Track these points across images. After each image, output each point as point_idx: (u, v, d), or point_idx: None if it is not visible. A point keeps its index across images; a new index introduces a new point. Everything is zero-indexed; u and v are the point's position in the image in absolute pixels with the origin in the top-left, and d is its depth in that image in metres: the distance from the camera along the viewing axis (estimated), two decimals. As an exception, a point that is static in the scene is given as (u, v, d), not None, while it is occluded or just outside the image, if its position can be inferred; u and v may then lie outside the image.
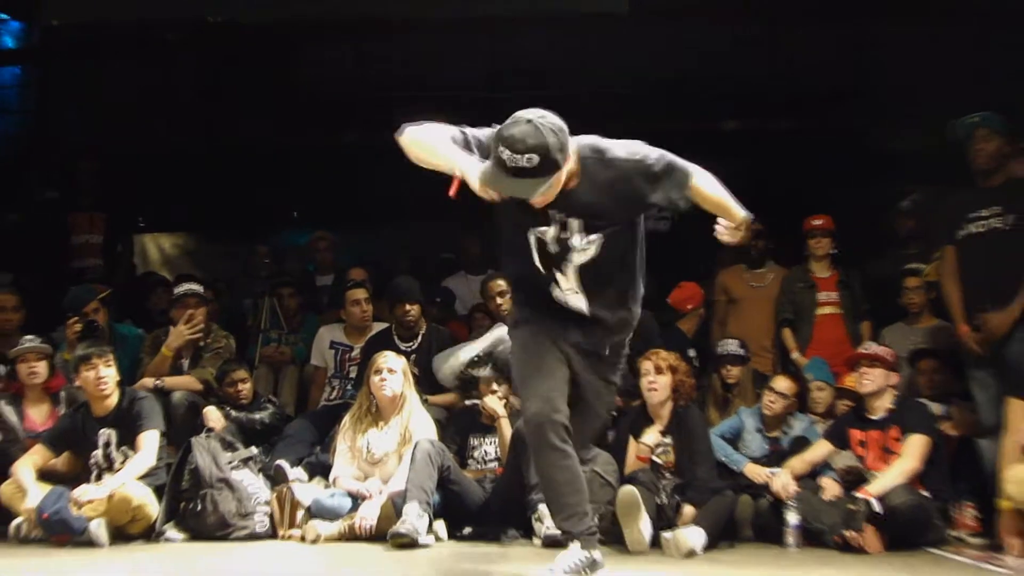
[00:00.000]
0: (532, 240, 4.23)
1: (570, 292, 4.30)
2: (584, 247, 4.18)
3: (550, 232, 4.18)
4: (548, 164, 3.81)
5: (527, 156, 3.77)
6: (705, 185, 4.10)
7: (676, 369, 6.10)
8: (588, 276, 4.25)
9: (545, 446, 4.18)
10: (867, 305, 7.74)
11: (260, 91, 9.66)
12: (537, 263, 4.27)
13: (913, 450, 5.84)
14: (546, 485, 4.38)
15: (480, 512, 6.03)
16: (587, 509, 4.26)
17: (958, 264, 6.33)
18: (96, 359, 6.12)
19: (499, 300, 7.33)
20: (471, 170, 3.87)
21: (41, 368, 6.58)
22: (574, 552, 4.20)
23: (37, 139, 10.67)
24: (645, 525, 5.50)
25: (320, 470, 6.48)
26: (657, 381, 6.07)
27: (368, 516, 5.91)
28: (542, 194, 3.89)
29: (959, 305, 6.35)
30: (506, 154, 3.78)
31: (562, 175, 3.93)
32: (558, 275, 4.27)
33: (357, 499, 6.04)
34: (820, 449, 6.19)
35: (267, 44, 9.27)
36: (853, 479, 6.03)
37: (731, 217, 4.14)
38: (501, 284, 7.27)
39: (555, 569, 4.15)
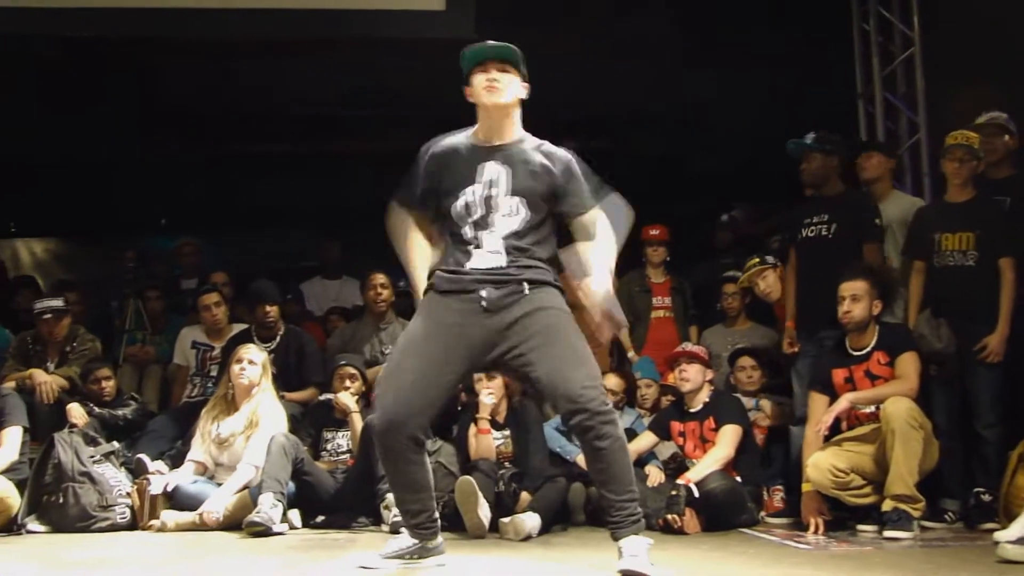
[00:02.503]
0: (462, 202, 4.12)
1: (492, 255, 4.11)
2: (509, 211, 4.12)
3: (479, 191, 4.11)
4: (517, 59, 4.16)
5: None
6: (605, 218, 4.16)
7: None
8: (511, 242, 4.12)
9: (383, 449, 4.16)
10: (695, 310, 7.95)
11: (130, 105, 9.44)
12: (468, 227, 4.13)
13: (727, 439, 5.98)
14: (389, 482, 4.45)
15: (332, 501, 6.00)
16: (421, 506, 4.21)
17: (795, 264, 6.51)
18: (-42, 358, 5.92)
19: (380, 291, 7.33)
20: (418, 288, 4.20)
21: (-94, 368, 6.35)
22: (403, 538, 4.27)
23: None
24: (484, 511, 5.52)
25: (181, 463, 6.36)
26: (491, 385, 6.13)
27: (215, 508, 5.81)
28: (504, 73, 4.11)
29: (791, 302, 6.54)
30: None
31: (518, 82, 4.17)
32: (483, 236, 4.11)
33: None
34: (645, 440, 6.32)
35: (134, 60, 9.07)
36: (675, 467, 6.16)
37: (593, 275, 4.12)
38: (381, 277, 7.30)
39: (384, 552, 4.25)
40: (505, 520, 5.52)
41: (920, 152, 7.65)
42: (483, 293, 4.06)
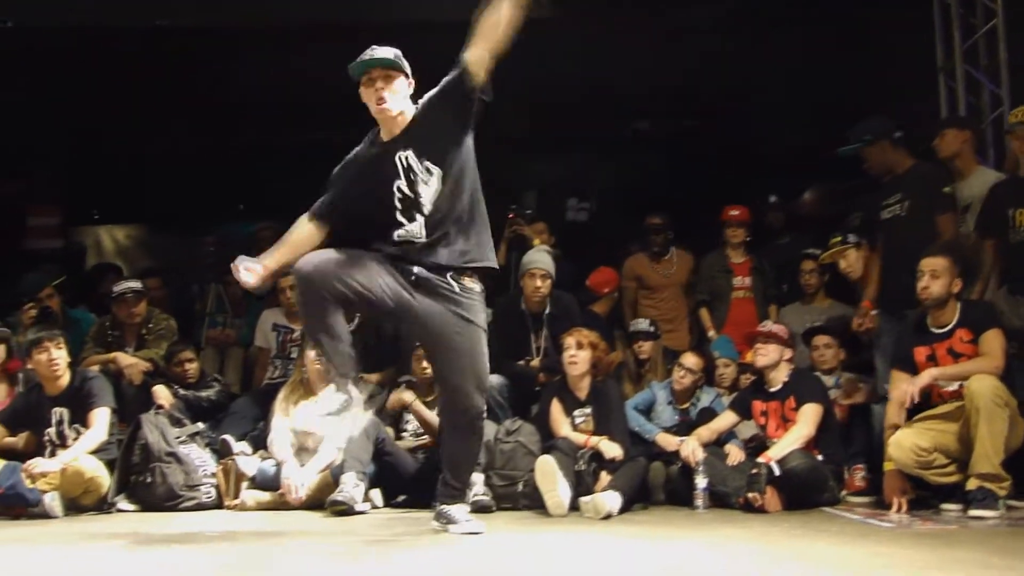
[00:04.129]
0: (387, 191, 4.48)
1: (415, 229, 4.48)
2: (426, 181, 4.44)
3: (401, 180, 4.45)
4: (399, 62, 4.46)
5: (385, 48, 4.45)
6: (474, 49, 4.34)
7: (596, 346, 6.15)
8: (434, 215, 4.46)
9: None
10: (776, 289, 7.91)
11: (208, 94, 9.57)
12: (396, 212, 4.48)
13: (807, 418, 5.94)
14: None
15: (413, 481, 6.05)
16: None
17: (880, 247, 6.46)
18: (47, 342, 6.07)
19: None
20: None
21: (-2, 350, 6.52)
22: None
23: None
24: (564, 490, 5.55)
25: (263, 444, 6.47)
26: (577, 356, 6.11)
27: (298, 487, 5.93)
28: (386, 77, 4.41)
29: (871, 285, 6.53)
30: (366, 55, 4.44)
31: (404, 83, 4.47)
32: (411, 217, 4.48)
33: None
34: (726, 419, 6.29)
35: (213, 49, 9.19)
36: (755, 446, 6.13)
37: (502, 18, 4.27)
38: None
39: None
40: (585, 499, 5.54)
41: (1003, 126, 7.50)
42: None
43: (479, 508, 5.63)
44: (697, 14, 8.33)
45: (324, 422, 6.10)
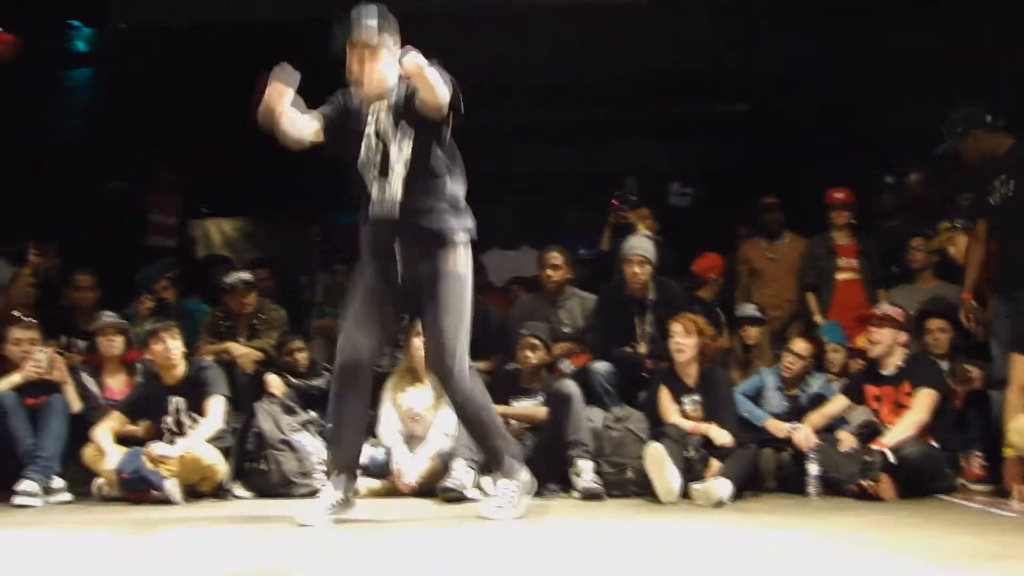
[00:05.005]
0: (362, 150, 4.65)
1: (389, 194, 4.62)
2: (400, 146, 4.58)
3: (372, 140, 4.62)
4: (382, 35, 4.57)
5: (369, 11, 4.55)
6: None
7: (702, 332, 6.08)
8: (408, 179, 4.59)
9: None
10: (883, 272, 7.74)
11: (311, 84, 9.66)
12: (370, 173, 4.66)
13: (923, 403, 5.81)
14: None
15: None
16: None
17: (983, 233, 6.34)
18: (163, 333, 6.21)
19: (551, 272, 7.25)
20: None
21: (118, 341, 6.69)
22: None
23: (107, 135, 10.74)
24: (673, 477, 5.51)
25: (372, 431, 6.51)
26: (684, 342, 6.05)
27: (408, 473, 5.98)
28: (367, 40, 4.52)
29: (972, 273, 6.41)
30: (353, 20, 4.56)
31: (387, 51, 4.57)
32: (383, 178, 4.63)
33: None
34: (837, 404, 6.18)
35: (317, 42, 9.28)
36: (868, 432, 6.00)
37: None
38: (555, 256, 7.25)
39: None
40: (696, 486, 5.49)
41: None
42: None
43: (589, 495, 5.62)
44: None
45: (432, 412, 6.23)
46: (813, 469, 5.69)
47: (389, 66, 4.63)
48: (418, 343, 6.31)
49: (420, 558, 3.82)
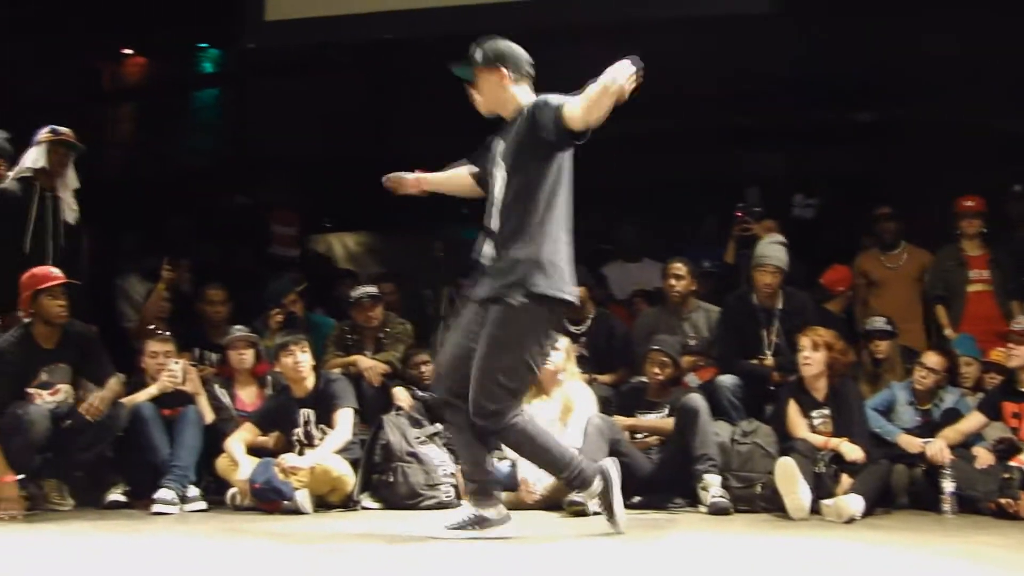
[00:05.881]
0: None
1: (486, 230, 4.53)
2: (500, 182, 4.47)
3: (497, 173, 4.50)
4: (478, 69, 4.52)
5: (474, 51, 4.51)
6: (573, 106, 4.14)
7: (831, 346, 5.97)
8: (501, 213, 4.45)
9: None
10: (1018, 283, 7.51)
11: (428, 100, 9.79)
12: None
13: (1069, 421, 5.62)
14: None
15: (648, 482, 6.00)
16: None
17: None
18: (293, 346, 6.30)
19: (674, 281, 7.18)
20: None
21: (249, 354, 6.81)
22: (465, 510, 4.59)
23: (234, 151, 11.03)
24: (804, 493, 5.41)
25: (498, 444, 6.54)
26: (812, 357, 5.95)
27: (535, 485, 5.96)
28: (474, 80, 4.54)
29: None
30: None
31: (492, 81, 4.52)
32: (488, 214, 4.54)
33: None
34: (973, 420, 6.01)
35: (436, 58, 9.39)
36: (1006, 449, 5.82)
37: (607, 98, 4.01)
38: (679, 267, 7.20)
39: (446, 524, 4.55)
40: (827, 502, 5.40)
41: None
42: None
43: (717, 510, 5.56)
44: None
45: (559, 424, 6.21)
46: (948, 486, 5.54)
47: (501, 90, 4.56)
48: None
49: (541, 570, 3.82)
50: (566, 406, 6.22)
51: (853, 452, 5.68)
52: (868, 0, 8.73)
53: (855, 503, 5.31)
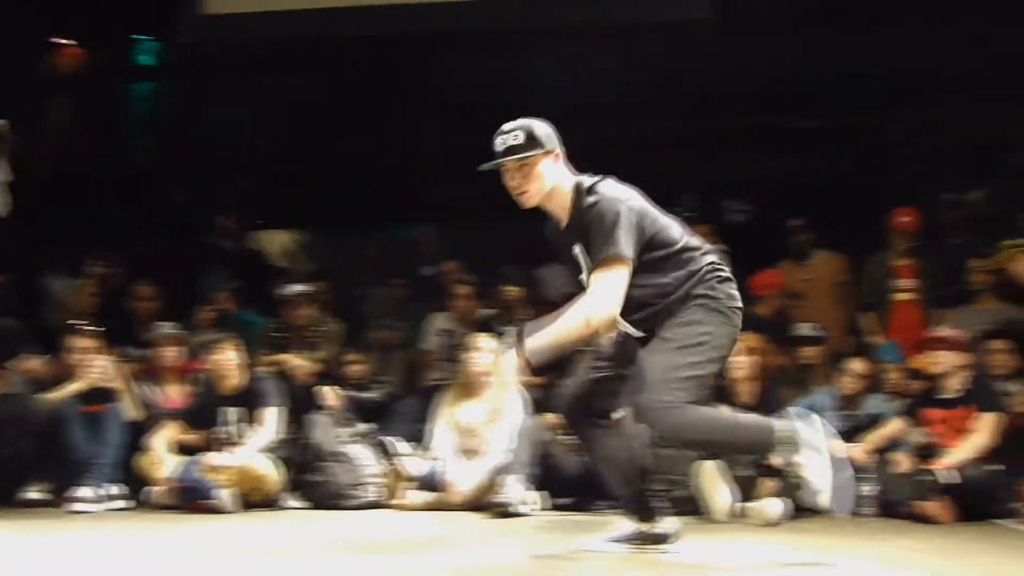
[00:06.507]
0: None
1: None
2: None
3: (583, 277, 3.98)
4: (532, 140, 3.93)
5: (514, 132, 3.94)
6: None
7: (760, 350, 6.02)
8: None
9: None
10: (943, 292, 7.62)
11: (373, 100, 9.74)
12: None
13: (985, 427, 5.72)
14: None
15: (576, 484, 6.01)
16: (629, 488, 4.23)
17: None
18: (222, 344, 6.27)
19: None
20: None
21: (176, 352, 6.75)
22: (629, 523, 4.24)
23: (169, 147, 10.89)
24: (725, 495, 5.46)
25: (427, 444, 6.52)
26: (740, 361, 5.99)
27: (461, 486, 5.95)
28: (519, 172, 3.94)
29: None
30: (497, 141, 3.96)
31: (541, 164, 3.95)
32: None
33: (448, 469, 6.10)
34: (895, 426, 6.09)
35: (377, 57, 9.37)
36: (926, 454, 5.91)
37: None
38: None
39: (610, 536, 4.25)
40: (750, 505, 5.44)
41: None
42: None
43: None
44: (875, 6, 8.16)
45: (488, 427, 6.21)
46: (868, 489, 5.61)
47: (551, 176, 4.01)
48: (475, 357, 6.31)
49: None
50: (495, 409, 6.22)
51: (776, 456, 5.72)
52: (808, 9, 8.81)
53: (777, 506, 5.37)
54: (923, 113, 9.13)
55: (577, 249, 3.97)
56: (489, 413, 6.26)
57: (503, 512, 5.57)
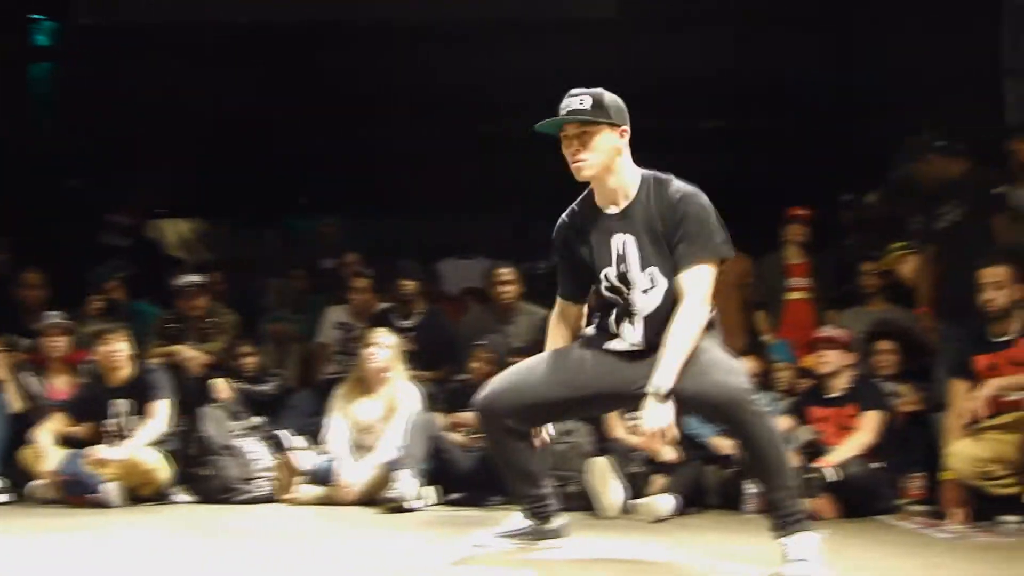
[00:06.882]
0: (604, 287, 3.83)
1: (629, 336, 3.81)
2: (646, 287, 3.75)
3: (612, 271, 3.78)
4: (599, 109, 3.68)
5: (580, 97, 3.70)
6: (693, 300, 3.66)
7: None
8: (652, 325, 3.74)
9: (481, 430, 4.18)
10: (834, 292, 7.78)
11: (273, 89, 9.65)
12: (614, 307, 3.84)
13: (869, 425, 5.84)
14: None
15: (468, 479, 6.05)
16: (528, 490, 4.12)
17: (933, 254, 6.37)
18: (110, 335, 6.19)
19: (503, 287, 7.19)
20: None
21: (63, 342, 6.63)
22: (520, 518, 4.20)
23: (65, 131, 10.67)
24: (617, 492, 5.52)
25: (320, 439, 6.49)
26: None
27: (351, 481, 5.94)
28: (579, 139, 3.67)
29: (925, 292, 6.44)
30: (562, 104, 3.71)
31: (604, 136, 3.69)
32: (623, 326, 3.82)
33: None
34: (782, 424, 6.17)
35: (286, 45, 9.27)
36: (811, 451, 6.03)
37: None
38: (505, 271, 7.22)
39: (499, 531, 4.21)
40: (639, 501, 5.51)
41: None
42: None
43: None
44: (771, 10, 8.28)
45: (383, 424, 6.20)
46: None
47: (614, 154, 3.78)
48: (370, 353, 6.29)
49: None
50: (391, 405, 6.21)
51: (666, 453, 5.81)
52: (716, 9, 8.92)
53: (666, 503, 5.44)
54: (820, 115, 9.32)
55: (624, 239, 3.73)
56: (385, 409, 6.24)
57: (395, 507, 5.58)
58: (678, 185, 3.75)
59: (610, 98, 3.75)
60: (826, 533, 4.13)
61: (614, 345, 3.84)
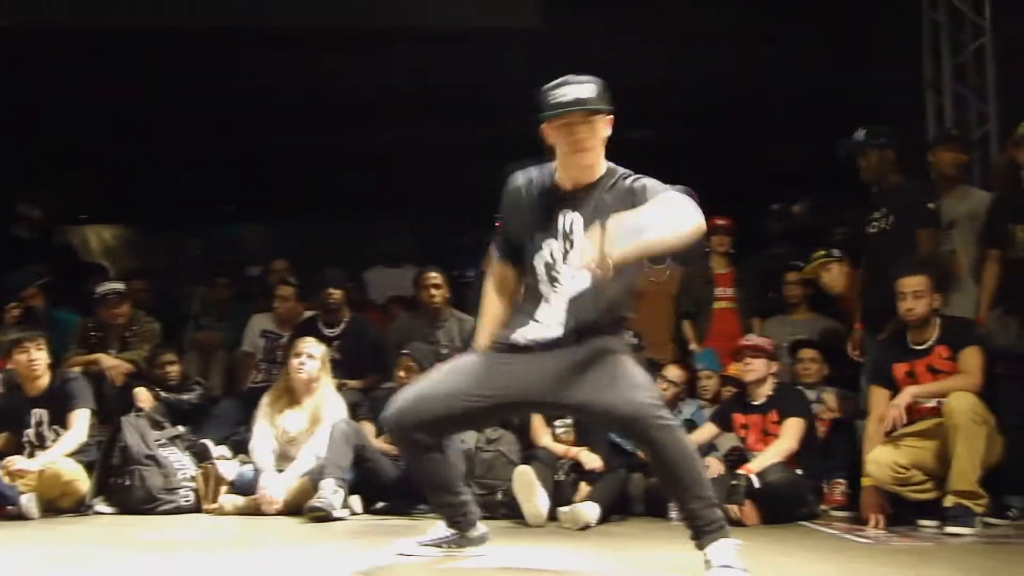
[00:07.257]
0: (541, 262, 3.82)
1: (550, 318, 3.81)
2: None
3: (555, 244, 3.78)
4: (603, 97, 3.73)
5: (585, 84, 3.72)
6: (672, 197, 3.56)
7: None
8: (574, 309, 3.76)
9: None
10: (759, 301, 7.88)
11: (197, 96, 9.56)
12: (542, 282, 3.83)
13: (790, 432, 5.92)
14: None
15: (393, 488, 6.04)
16: (447, 500, 4.11)
17: (863, 262, 6.48)
18: (28, 343, 6.08)
19: (433, 291, 7.21)
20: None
21: (-23, 351, 6.50)
22: (442, 527, 4.20)
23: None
24: (542, 500, 5.55)
25: (244, 448, 6.45)
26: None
27: (275, 493, 5.91)
28: (587, 126, 3.69)
29: (855, 304, 6.58)
30: (558, 92, 3.71)
31: (603, 124, 3.76)
32: (543, 307, 3.82)
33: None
34: (706, 431, 6.28)
35: (205, 50, 9.18)
36: (735, 458, 6.11)
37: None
38: (435, 277, 7.24)
39: (422, 539, 4.20)
40: (564, 509, 5.54)
41: (989, 144, 7.50)
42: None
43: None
44: (686, 18, 8.36)
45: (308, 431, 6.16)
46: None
47: (603, 141, 3.84)
48: (296, 363, 6.26)
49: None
50: (315, 416, 6.18)
51: (592, 461, 5.85)
52: (643, 20, 8.98)
53: (591, 510, 5.47)
54: (734, 128, 9.43)
55: (572, 217, 3.74)
56: (310, 419, 6.21)
57: (319, 516, 5.54)
58: (646, 180, 3.77)
59: (604, 86, 3.80)
60: (748, 539, 4.22)
61: (530, 333, 3.83)
